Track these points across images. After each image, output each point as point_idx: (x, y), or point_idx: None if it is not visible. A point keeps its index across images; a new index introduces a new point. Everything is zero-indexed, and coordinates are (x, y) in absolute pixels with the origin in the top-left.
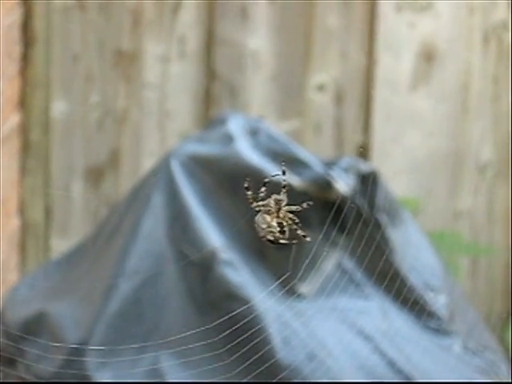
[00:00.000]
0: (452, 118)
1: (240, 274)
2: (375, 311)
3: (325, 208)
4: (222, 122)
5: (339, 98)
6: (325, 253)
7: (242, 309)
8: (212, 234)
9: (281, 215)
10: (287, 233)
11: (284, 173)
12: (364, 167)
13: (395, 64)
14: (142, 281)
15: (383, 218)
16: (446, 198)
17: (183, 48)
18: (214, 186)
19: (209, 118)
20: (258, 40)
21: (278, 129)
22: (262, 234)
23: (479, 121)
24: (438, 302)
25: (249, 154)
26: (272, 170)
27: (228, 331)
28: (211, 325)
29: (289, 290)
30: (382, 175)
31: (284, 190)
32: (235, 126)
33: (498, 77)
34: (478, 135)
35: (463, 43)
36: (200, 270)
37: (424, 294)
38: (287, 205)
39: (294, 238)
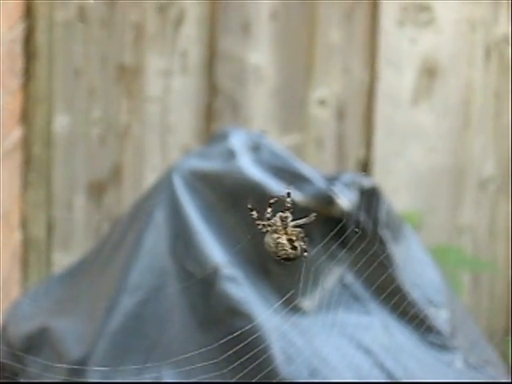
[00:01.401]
0: (454, 133)
1: (242, 290)
2: (377, 326)
3: (327, 224)
4: (223, 137)
5: (341, 113)
6: (327, 268)
7: (246, 328)
8: (214, 250)
9: (288, 232)
10: (299, 248)
11: (289, 195)
12: (366, 182)
13: (397, 79)
14: (145, 296)
15: (385, 234)
16: (447, 213)
17: (185, 62)
18: (216, 202)
19: (211, 132)
20: (259, 55)
21: (279, 143)
22: (275, 253)
23: (481, 136)
24: (440, 317)
25: (251, 169)
26: (274, 186)
27: (231, 349)
28: (214, 344)
29: (292, 307)
30: (384, 190)
31: (288, 209)
32: (237, 141)
33: (500, 92)
34: (479, 150)
35: (465, 58)
36: (202, 285)
37: (426, 310)
38: (293, 220)
39: (305, 251)
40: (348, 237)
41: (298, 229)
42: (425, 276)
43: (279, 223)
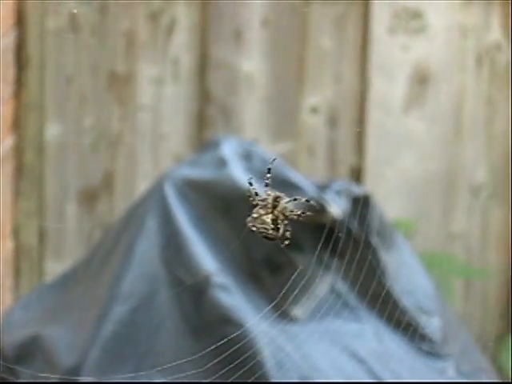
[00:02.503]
0: (445, 140)
1: (234, 298)
2: (368, 334)
3: (318, 231)
4: (215, 145)
5: (333, 121)
6: (318, 276)
7: (236, 333)
8: (206, 258)
9: (275, 212)
10: (281, 230)
11: (269, 171)
12: (357, 190)
13: (388, 86)
14: (136, 304)
15: (376, 241)
16: (439, 220)
17: (177, 70)
18: (207, 210)
19: (202, 140)
20: (251, 62)
21: (271, 151)
22: (256, 228)
23: (473, 143)
24: (431, 324)
25: (242, 177)
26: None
27: (222, 356)
28: (205, 351)
29: (282, 314)
30: (376, 197)
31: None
32: (228, 149)
33: (492, 99)
34: (471, 157)
35: (456, 65)
36: (194, 293)
37: (417, 317)
38: (288, 202)
39: (286, 238)
40: (339, 245)
41: (287, 212)
42: (416, 283)
43: (270, 201)
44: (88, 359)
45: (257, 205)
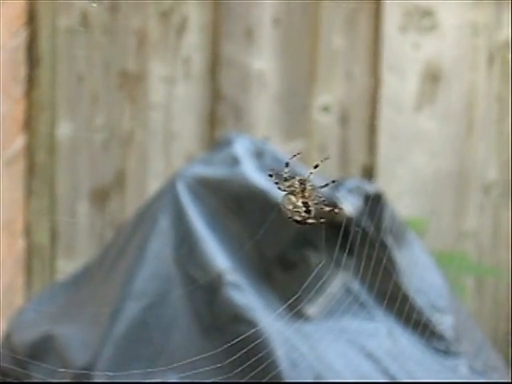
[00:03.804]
0: (457, 138)
1: (246, 296)
2: (382, 332)
3: (331, 229)
4: (227, 143)
5: (344, 119)
6: (331, 274)
7: (249, 332)
8: (218, 256)
9: (306, 194)
10: (313, 212)
11: (316, 166)
12: (369, 188)
13: (400, 84)
14: (149, 303)
15: (389, 240)
16: (451, 218)
17: (188, 69)
18: (219, 208)
19: (214, 138)
20: (262, 61)
21: (283, 150)
22: (288, 215)
23: (484, 141)
24: (444, 323)
25: (254, 176)
26: (277, 192)
27: (236, 355)
28: (218, 349)
29: (296, 313)
30: (388, 195)
31: (310, 173)
32: (241, 147)
33: (503, 97)
34: (482, 155)
35: (468, 64)
36: (207, 292)
37: (430, 315)
38: (311, 185)
39: (321, 217)
40: (352, 243)
41: (316, 193)
42: (429, 282)
43: (297, 185)
44: (100, 358)
45: (285, 192)
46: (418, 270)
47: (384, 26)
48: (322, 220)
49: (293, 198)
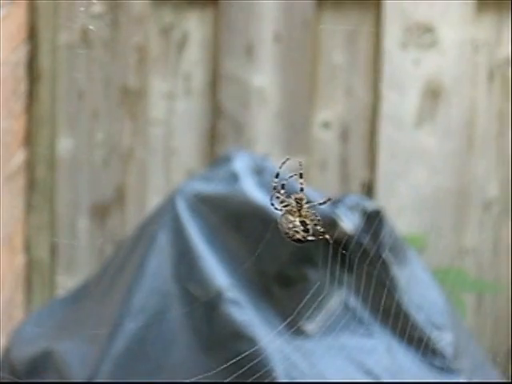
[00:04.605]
0: (457, 155)
1: (246, 313)
2: (381, 349)
3: (330, 247)
4: (227, 160)
5: (344, 135)
6: (330, 291)
7: (250, 351)
8: (218, 273)
9: (303, 214)
10: (311, 230)
11: (301, 175)
12: (369, 205)
13: (400, 101)
14: (148, 319)
15: (388, 257)
16: (451, 235)
17: (189, 85)
18: (219, 225)
19: (214, 154)
20: (263, 77)
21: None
22: (288, 234)
23: (484, 157)
24: (443, 340)
25: (254, 192)
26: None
27: (235, 372)
28: (218, 368)
29: (295, 329)
30: (388, 212)
31: (302, 190)
32: (240, 164)
33: (503, 113)
34: (483, 172)
35: (468, 80)
36: (206, 308)
37: (429, 332)
38: (307, 202)
39: (318, 235)
40: (351, 260)
41: (312, 212)
42: (428, 298)
43: (294, 204)
44: (99, 374)
45: (282, 212)
46: (418, 287)
47: (384, 43)
48: (321, 237)
49: (290, 218)
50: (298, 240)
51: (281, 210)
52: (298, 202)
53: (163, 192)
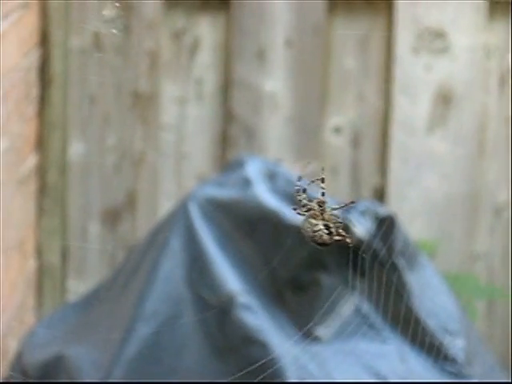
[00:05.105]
0: (468, 161)
1: (258, 318)
2: (393, 354)
3: (343, 252)
4: (239, 165)
5: (356, 141)
6: (343, 296)
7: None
8: (230, 278)
9: (325, 217)
10: (334, 233)
11: (323, 180)
12: (381, 211)
13: (412, 106)
14: (161, 324)
15: (401, 262)
16: (462, 241)
17: (200, 90)
18: (231, 230)
19: (226, 159)
20: (274, 82)
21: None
22: (313, 238)
23: (496, 163)
24: (456, 345)
25: (267, 197)
26: (290, 214)
27: (250, 379)
28: (234, 376)
29: (307, 334)
30: (399, 217)
31: (324, 194)
32: (253, 169)
33: None
34: (494, 177)
35: (479, 86)
36: (218, 313)
37: (441, 338)
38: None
39: (342, 238)
40: (364, 265)
41: (336, 214)
42: (440, 304)
43: (316, 208)
44: (111, 379)
45: (305, 216)
46: (430, 292)
47: (396, 48)
48: (343, 240)
49: (314, 221)
50: (324, 243)
51: (304, 214)
52: (320, 206)
53: (174, 197)
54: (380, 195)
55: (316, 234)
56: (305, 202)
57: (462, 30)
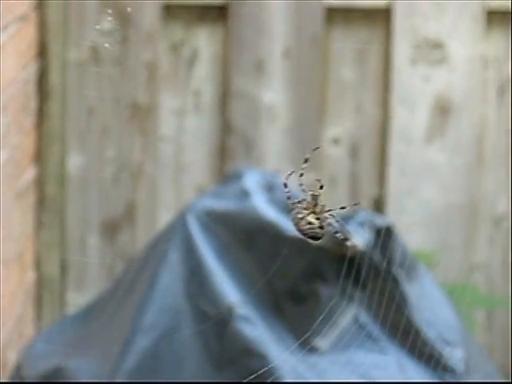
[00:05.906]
0: (467, 171)
1: (256, 329)
2: (391, 365)
3: (341, 262)
4: (238, 176)
5: (354, 151)
6: (341, 307)
7: (263, 370)
8: (229, 290)
9: (317, 210)
10: (325, 227)
11: (322, 187)
12: (380, 221)
13: (410, 117)
14: (159, 336)
15: (399, 273)
16: (461, 251)
17: (198, 101)
18: (230, 242)
19: (224, 171)
20: (273, 93)
21: (293, 182)
22: (302, 231)
23: (494, 173)
24: (454, 356)
25: (265, 209)
26: (289, 225)
27: None
28: None
29: (306, 346)
30: (398, 228)
31: (322, 187)
32: (251, 181)
33: None
34: (493, 187)
35: (478, 96)
36: (217, 325)
37: (440, 348)
38: (328, 211)
39: (335, 232)
40: (362, 276)
41: (329, 210)
42: (439, 315)
43: (310, 199)
44: None
45: (296, 208)
46: (428, 302)
47: (394, 59)
48: (337, 235)
49: (305, 213)
50: (315, 237)
51: (296, 206)
52: (313, 199)
53: (173, 208)
54: (378, 206)
55: (307, 226)
56: (295, 201)
57: (459, 40)
